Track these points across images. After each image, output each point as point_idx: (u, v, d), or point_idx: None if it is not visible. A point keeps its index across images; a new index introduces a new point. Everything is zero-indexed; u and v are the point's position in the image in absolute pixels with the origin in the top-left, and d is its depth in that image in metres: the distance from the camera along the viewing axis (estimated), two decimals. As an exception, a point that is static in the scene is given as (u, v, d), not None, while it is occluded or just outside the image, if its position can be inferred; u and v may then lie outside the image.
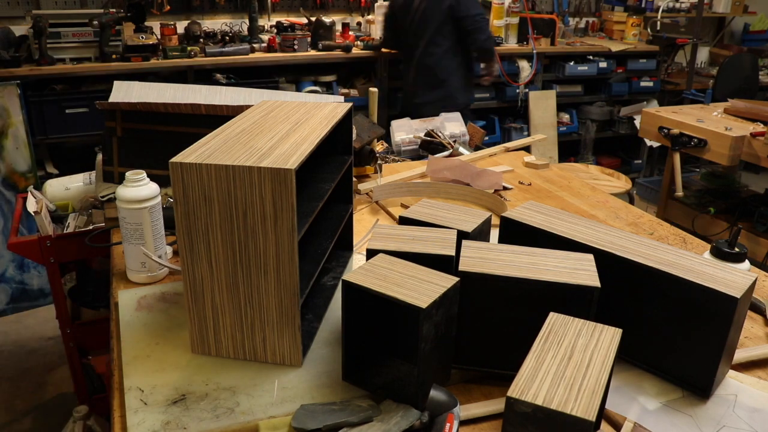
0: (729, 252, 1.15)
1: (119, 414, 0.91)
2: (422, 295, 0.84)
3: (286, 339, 0.97)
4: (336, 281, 1.23)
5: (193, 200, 0.91)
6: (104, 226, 1.51)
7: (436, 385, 0.87)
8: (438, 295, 0.84)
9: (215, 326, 0.99)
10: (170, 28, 3.46)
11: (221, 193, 0.89)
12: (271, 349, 0.99)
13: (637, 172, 4.88)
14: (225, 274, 0.95)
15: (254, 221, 0.90)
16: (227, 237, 0.92)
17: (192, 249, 0.94)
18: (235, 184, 0.89)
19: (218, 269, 0.95)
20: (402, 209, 1.60)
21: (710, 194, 3.09)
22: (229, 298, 0.96)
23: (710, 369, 0.93)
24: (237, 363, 1.00)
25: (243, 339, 0.99)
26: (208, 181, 0.89)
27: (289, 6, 4.03)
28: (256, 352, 1.00)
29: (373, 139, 1.83)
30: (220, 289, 0.96)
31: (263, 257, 0.92)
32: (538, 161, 2.07)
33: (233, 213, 0.90)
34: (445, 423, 0.83)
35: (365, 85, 3.79)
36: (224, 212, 0.91)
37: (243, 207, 0.90)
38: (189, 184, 0.90)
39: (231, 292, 0.96)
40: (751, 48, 5.30)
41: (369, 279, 0.88)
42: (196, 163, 0.89)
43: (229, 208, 0.90)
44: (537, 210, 1.15)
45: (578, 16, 4.98)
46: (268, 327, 0.97)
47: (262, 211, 0.89)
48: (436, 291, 0.85)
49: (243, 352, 1.00)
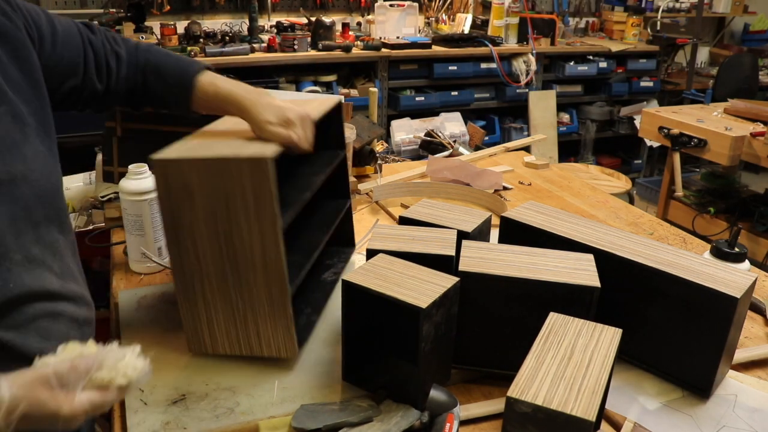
0: (729, 252, 1.15)
1: (119, 414, 0.91)
2: (422, 295, 0.84)
3: (280, 331, 0.97)
4: (336, 277, 1.23)
5: (176, 195, 0.91)
6: (104, 226, 1.52)
7: (436, 385, 0.87)
8: (438, 295, 0.84)
9: (209, 322, 0.99)
10: (170, 28, 3.45)
11: (203, 187, 0.89)
12: (266, 342, 0.98)
13: (637, 172, 4.88)
14: (213, 268, 0.94)
15: (237, 212, 0.90)
16: (212, 230, 0.92)
17: (179, 244, 0.94)
18: (215, 176, 0.89)
19: (206, 263, 0.94)
20: (402, 209, 1.59)
21: (710, 194, 3.08)
22: (219, 292, 0.96)
23: (710, 369, 0.93)
24: (237, 363, 1.00)
25: (237, 333, 0.99)
26: (188, 176, 0.89)
27: (289, 6, 4.02)
28: (251, 346, 0.99)
29: (373, 139, 1.83)
30: (210, 284, 0.96)
31: (249, 249, 0.92)
32: (538, 161, 2.07)
33: (216, 206, 0.90)
34: (445, 423, 0.83)
35: (365, 85, 3.79)
36: (207, 206, 0.91)
37: (225, 199, 0.90)
38: (171, 179, 0.90)
39: (220, 285, 0.96)
40: (751, 48, 5.30)
41: (369, 279, 0.88)
42: (176, 158, 0.89)
43: (212, 201, 0.90)
44: (537, 210, 1.15)
45: (578, 16, 4.97)
46: (261, 319, 0.96)
47: (243, 202, 0.89)
48: (436, 291, 0.85)
49: (239, 347, 1.00)
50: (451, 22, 4.34)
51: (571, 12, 4.93)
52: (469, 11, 4.34)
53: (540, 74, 4.33)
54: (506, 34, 4.23)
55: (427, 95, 3.99)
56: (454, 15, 4.36)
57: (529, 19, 4.21)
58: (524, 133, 4.34)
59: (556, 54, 4.38)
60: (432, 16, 4.35)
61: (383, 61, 3.80)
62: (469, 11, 4.34)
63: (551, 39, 4.29)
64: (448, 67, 3.94)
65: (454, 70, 3.96)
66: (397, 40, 3.90)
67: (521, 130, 4.36)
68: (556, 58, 4.40)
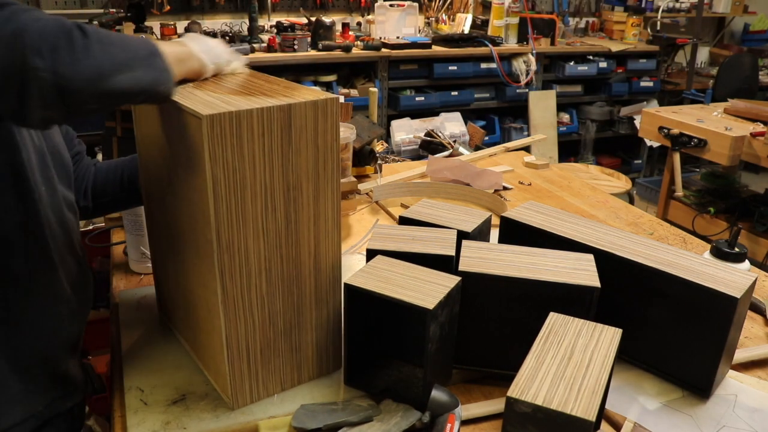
0: (729, 252, 1.15)
1: (119, 414, 0.90)
2: (427, 296, 0.83)
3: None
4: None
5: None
6: (104, 226, 1.52)
7: (437, 386, 0.87)
8: (443, 296, 0.84)
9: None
10: (170, 28, 3.45)
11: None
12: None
13: (637, 172, 4.88)
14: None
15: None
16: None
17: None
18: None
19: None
20: (402, 209, 1.59)
21: (710, 194, 3.08)
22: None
23: (710, 369, 0.93)
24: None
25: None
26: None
27: (289, 6, 4.02)
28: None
29: (373, 139, 1.83)
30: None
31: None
32: (538, 161, 2.07)
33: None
34: (446, 423, 0.82)
35: (365, 85, 3.79)
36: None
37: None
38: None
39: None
40: (751, 48, 5.30)
41: (371, 282, 0.87)
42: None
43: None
44: (537, 210, 1.15)
45: (578, 16, 4.97)
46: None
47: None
48: (441, 291, 0.85)
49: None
50: (451, 22, 4.34)
51: (571, 12, 4.93)
52: (469, 11, 4.34)
53: (540, 74, 4.33)
54: (506, 34, 4.23)
55: (427, 95, 3.99)
56: (454, 15, 4.36)
57: (529, 19, 4.21)
58: (524, 133, 4.34)
59: (556, 54, 4.38)
60: (432, 16, 4.35)
61: (383, 61, 3.80)
62: (469, 11, 4.34)
63: (551, 39, 4.29)
64: (448, 67, 3.94)
65: (454, 70, 3.96)
66: (397, 40, 3.90)
67: (521, 130, 4.36)
68: (556, 58, 4.40)
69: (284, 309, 0.88)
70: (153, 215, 1.04)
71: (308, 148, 0.82)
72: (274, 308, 0.87)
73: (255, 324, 0.86)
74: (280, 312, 0.88)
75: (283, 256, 0.85)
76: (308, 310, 0.91)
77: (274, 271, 0.85)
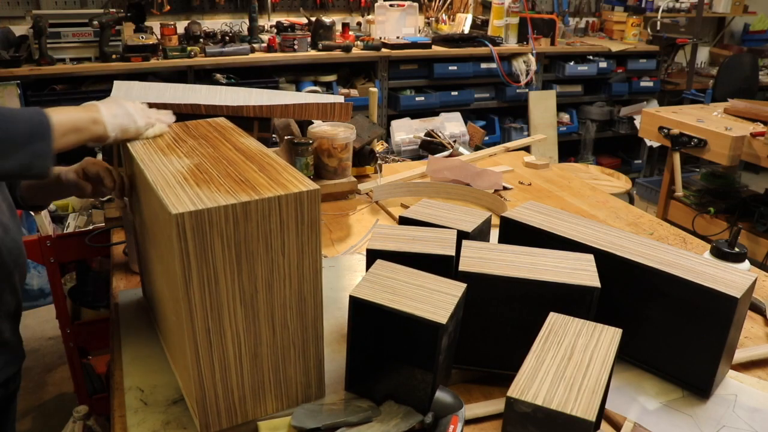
0: (729, 252, 1.15)
1: (119, 414, 0.90)
2: (438, 309, 0.83)
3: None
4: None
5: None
6: (104, 226, 1.52)
7: (442, 387, 0.87)
8: (453, 307, 0.84)
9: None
10: (170, 28, 3.45)
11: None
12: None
13: (637, 172, 4.88)
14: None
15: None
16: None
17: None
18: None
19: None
20: (402, 209, 1.59)
21: (710, 194, 3.08)
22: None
23: (710, 369, 0.93)
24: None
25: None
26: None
27: (289, 6, 4.02)
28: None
29: (373, 139, 1.83)
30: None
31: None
32: (538, 161, 2.07)
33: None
34: (449, 425, 0.82)
35: (365, 85, 3.79)
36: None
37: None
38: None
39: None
40: (751, 48, 5.30)
41: (377, 293, 0.86)
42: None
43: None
44: (537, 210, 1.15)
45: (578, 16, 4.97)
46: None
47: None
48: (450, 302, 0.85)
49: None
50: (451, 22, 4.34)
51: (571, 12, 4.93)
52: (469, 11, 4.34)
53: (540, 74, 4.33)
54: (506, 34, 4.23)
55: (427, 95, 3.99)
56: (454, 15, 4.36)
57: (529, 19, 4.21)
58: (524, 133, 4.34)
59: (556, 54, 4.38)
60: (432, 16, 4.35)
61: (383, 61, 3.80)
62: (469, 11, 4.34)
63: (551, 39, 4.29)
64: (448, 67, 3.94)
65: (454, 70, 3.96)
66: (397, 40, 3.90)
67: (521, 130, 4.36)
68: (556, 58, 4.40)
69: (269, 351, 0.84)
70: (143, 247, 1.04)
71: (289, 243, 0.79)
72: (259, 351, 0.83)
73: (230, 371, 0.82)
74: (267, 355, 0.84)
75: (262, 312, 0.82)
76: (291, 356, 0.87)
77: (252, 331, 0.82)
